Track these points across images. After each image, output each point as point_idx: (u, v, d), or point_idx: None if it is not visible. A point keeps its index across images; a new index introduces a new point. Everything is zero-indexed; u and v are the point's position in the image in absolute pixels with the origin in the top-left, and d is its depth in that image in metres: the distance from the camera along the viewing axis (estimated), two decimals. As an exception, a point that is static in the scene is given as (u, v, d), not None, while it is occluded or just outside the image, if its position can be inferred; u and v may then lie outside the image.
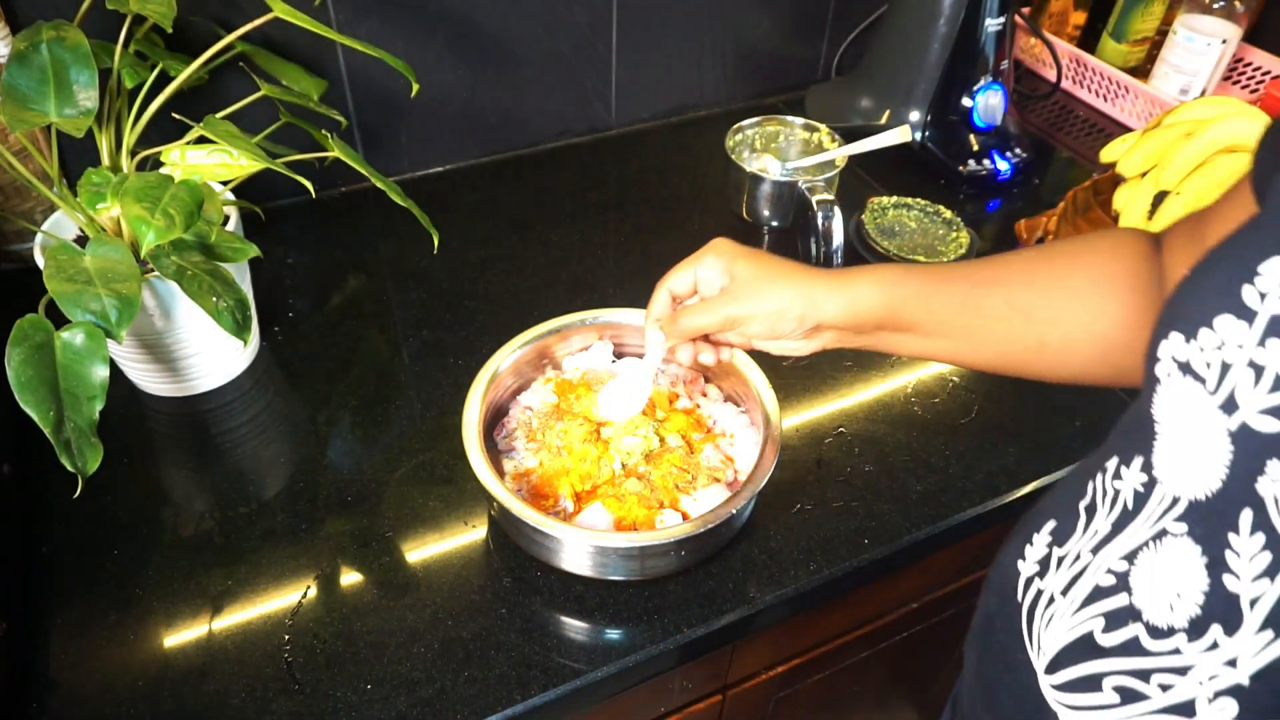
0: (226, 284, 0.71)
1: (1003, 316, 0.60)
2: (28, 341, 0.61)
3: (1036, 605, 0.52)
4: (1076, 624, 0.48)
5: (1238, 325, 0.39)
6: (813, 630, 0.90)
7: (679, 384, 0.82)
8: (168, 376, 0.83)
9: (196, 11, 0.91)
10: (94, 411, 0.63)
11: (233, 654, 0.66)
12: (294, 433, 0.84)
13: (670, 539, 0.65)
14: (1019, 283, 0.61)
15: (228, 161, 0.76)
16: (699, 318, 0.64)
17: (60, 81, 0.70)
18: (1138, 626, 0.44)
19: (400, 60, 0.81)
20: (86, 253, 0.66)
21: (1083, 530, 0.51)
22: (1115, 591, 0.46)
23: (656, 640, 0.68)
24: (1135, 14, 1.30)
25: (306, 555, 0.73)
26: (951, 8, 1.09)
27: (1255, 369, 0.38)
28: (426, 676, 0.65)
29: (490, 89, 1.13)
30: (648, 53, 1.19)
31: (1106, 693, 0.45)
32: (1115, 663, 0.45)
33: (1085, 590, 0.48)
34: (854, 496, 0.79)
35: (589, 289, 1.00)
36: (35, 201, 0.92)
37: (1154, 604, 0.43)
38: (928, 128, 1.16)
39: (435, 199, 1.11)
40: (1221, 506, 0.40)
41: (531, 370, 0.81)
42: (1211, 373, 0.40)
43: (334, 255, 1.04)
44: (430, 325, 0.95)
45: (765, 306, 0.62)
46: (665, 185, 1.17)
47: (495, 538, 0.75)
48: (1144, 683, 0.44)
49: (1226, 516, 0.40)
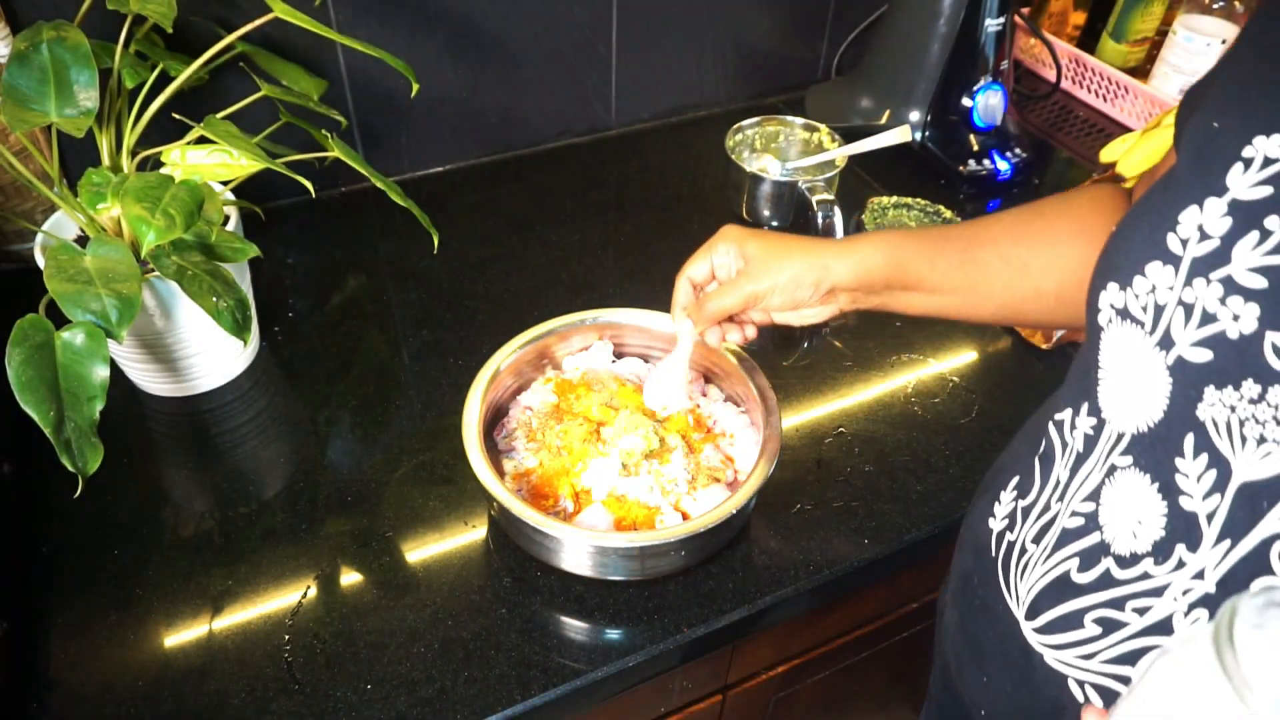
0: (226, 284, 0.71)
1: (1000, 271, 0.64)
2: (28, 341, 0.61)
3: (1010, 556, 0.55)
4: (1050, 568, 0.51)
5: (1165, 270, 0.44)
6: (813, 630, 0.90)
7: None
8: (168, 376, 0.83)
9: (196, 11, 0.91)
10: (94, 411, 0.63)
11: (233, 654, 0.66)
12: (294, 433, 0.84)
13: (670, 539, 0.65)
14: (1010, 238, 0.65)
15: (228, 161, 0.76)
16: (723, 300, 0.67)
17: (60, 81, 0.70)
18: (1108, 560, 0.47)
19: (400, 60, 0.81)
20: (87, 253, 0.66)
21: (1042, 480, 0.54)
22: (1086, 532, 0.49)
23: (656, 640, 0.68)
24: (1135, 14, 1.30)
25: (306, 555, 0.73)
26: (951, 8, 1.09)
27: (1185, 307, 0.43)
28: (426, 676, 0.65)
29: (490, 89, 1.13)
30: (648, 53, 1.19)
31: (1088, 627, 0.48)
32: (1092, 598, 0.48)
33: (1055, 535, 0.51)
34: (854, 496, 0.79)
35: (589, 289, 1.00)
36: (35, 201, 0.92)
37: (1119, 536, 0.47)
38: (928, 128, 1.16)
39: (435, 199, 1.11)
40: (1165, 434, 0.44)
41: (531, 370, 0.81)
42: (1148, 315, 0.45)
43: (334, 255, 1.04)
44: (430, 325, 0.95)
45: (782, 278, 0.65)
46: (665, 185, 1.17)
47: (495, 538, 0.75)
48: (1120, 611, 0.47)
49: (1170, 443, 0.44)
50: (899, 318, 0.97)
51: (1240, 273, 0.40)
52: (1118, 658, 0.47)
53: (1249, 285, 0.40)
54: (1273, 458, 0.39)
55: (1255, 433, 0.40)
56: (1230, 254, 0.41)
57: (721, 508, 0.67)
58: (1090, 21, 1.40)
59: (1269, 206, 0.40)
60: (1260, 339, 0.39)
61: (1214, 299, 0.41)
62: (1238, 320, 0.40)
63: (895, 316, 0.98)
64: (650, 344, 0.83)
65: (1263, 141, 0.41)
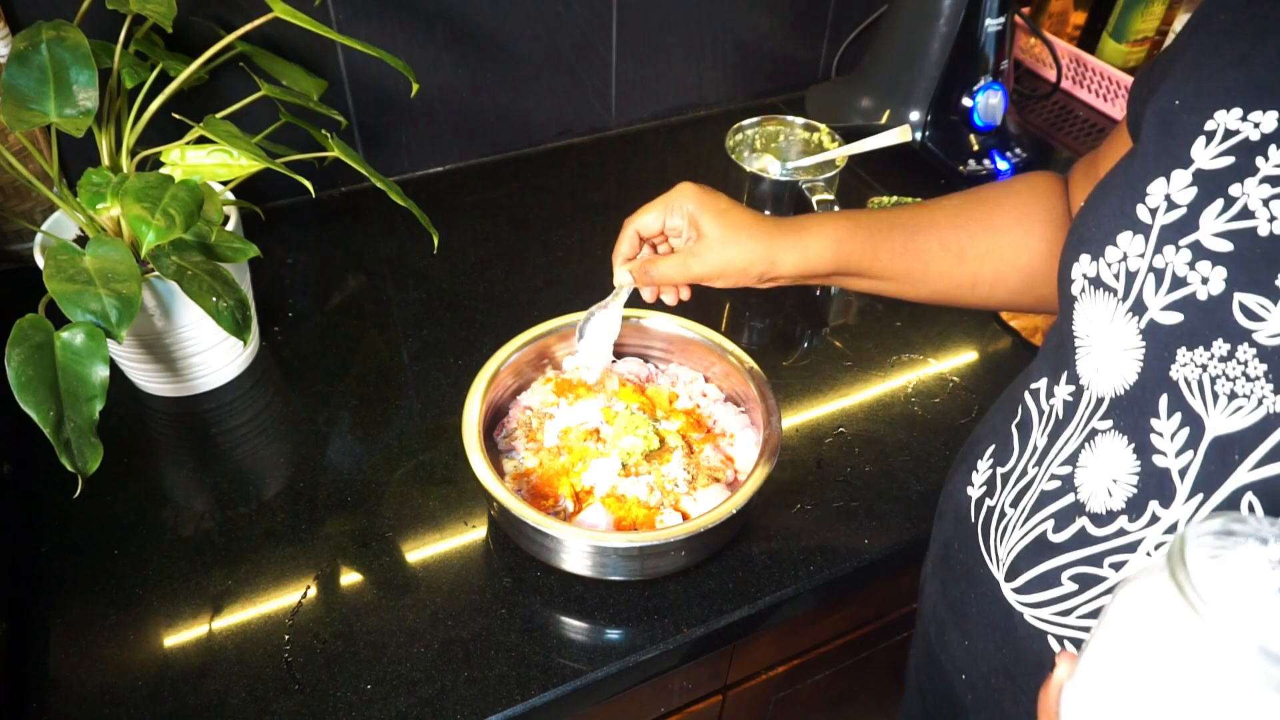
0: (226, 284, 0.71)
1: (938, 258, 0.68)
2: (28, 341, 0.61)
3: (990, 521, 0.57)
4: (1028, 530, 0.52)
5: (1136, 239, 0.46)
6: (813, 630, 0.90)
7: (679, 384, 0.82)
8: (168, 376, 0.83)
9: (196, 11, 0.91)
10: (94, 411, 0.63)
11: (233, 654, 0.66)
12: (294, 433, 0.84)
13: (670, 539, 0.65)
14: (950, 225, 0.68)
15: (228, 161, 0.76)
16: (669, 272, 0.70)
17: (60, 81, 0.70)
18: (1083, 519, 0.49)
19: (400, 60, 0.81)
20: (86, 253, 0.66)
21: (1020, 447, 0.56)
22: (1062, 494, 0.50)
23: (656, 640, 0.68)
24: (1135, 14, 1.30)
25: (306, 555, 0.73)
26: (951, 8, 1.09)
27: (1155, 273, 0.45)
28: (426, 676, 0.65)
29: (490, 89, 1.13)
30: (648, 53, 1.19)
31: (1065, 585, 0.50)
32: (1068, 556, 0.49)
33: (1034, 498, 0.53)
34: (854, 496, 0.79)
35: (589, 289, 0.99)
36: (35, 201, 0.92)
37: (1093, 495, 0.48)
38: (928, 128, 1.16)
39: (435, 199, 1.11)
40: (1139, 395, 0.46)
41: (531, 370, 0.81)
42: (1120, 282, 0.46)
43: (334, 255, 1.04)
44: (430, 325, 0.95)
45: (731, 267, 0.67)
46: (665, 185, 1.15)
47: (495, 538, 0.75)
48: (1097, 568, 0.48)
49: (1145, 404, 0.45)
50: (900, 317, 0.98)
51: (1207, 238, 0.43)
52: (1094, 612, 0.48)
53: (1216, 249, 0.42)
54: (1243, 412, 0.41)
55: (1226, 389, 0.42)
56: (1198, 221, 0.43)
57: (721, 508, 0.66)
58: (1090, 21, 1.40)
59: (1232, 175, 0.42)
60: (1229, 299, 0.41)
61: (1183, 264, 0.43)
62: (1206, 283, 0.42)
63: (896, 316, 0.98)
64: (650, 344, 0.83)
65: (1223, 115, 0.44)
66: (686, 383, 0.82)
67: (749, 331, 0.96)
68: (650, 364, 0.84)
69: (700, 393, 0.82)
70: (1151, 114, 0.48)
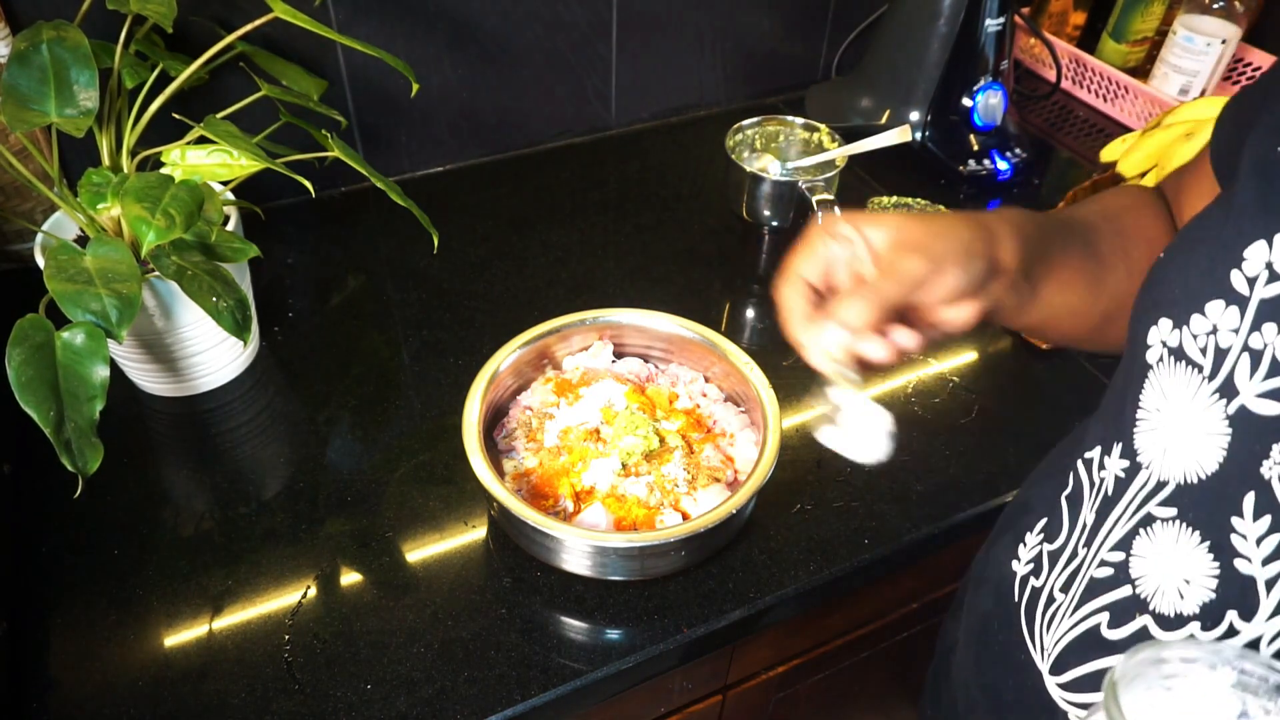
0: (226, 284, 0.71)
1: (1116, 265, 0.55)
2: (28, 341, 0.61)
3: (1035, 604, 0.52)
4: (1079, 620, 0.47)
5: (1229, 311, 0.39)
6: (813, 630, 0.90)
7: (679, 384, 0.82)
8: (168, 376, 0.83)
9: (196, 11, 0.91)
10: (94, 411, 0.63)
11: (233, 654, 0.66)
12: (294, 433, 0.84)
13: (670, 539, 0.65)
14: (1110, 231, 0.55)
15: (228, 161, 0.76)
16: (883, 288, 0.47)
17: (60, 81, 0.70)
18: (1145, 618, 0.43)
19: (400, 60, 0.81)
20: (87, 253, 0.66)
21: (1070, 523, 0.50)
22: (1116, 584, 0.45)
23: (656, 640, 0.68)
24: (1135, 14, 1.30)
25: (306, 555, 0.73)
26: (951, 8, 1.09)
27: (1252, 353, 0.38)
28: (426, 676, 0.65)
29: (490, 89, 1.13)
30: (648, 53, 1.19)
31: None
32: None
33: (1083, 584, 0.48)
34: (854, 496, 0.79)
35: (589, 289, 1.00)
36: (35, 201, 0.92)
37: (1161, 593, 0.43)
38: (928, 128, 1.16)
39: (435, 199, 1.11)
40: (1220, 489, 0.40)
41: (531, 370, 0.81)
42: (1207, 358, 0.40)
43: (334, 255, 1.04)
44: (430, 325, 0.95)
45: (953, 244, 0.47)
46: (665, 185, 1.17)
47: (495, 538, 0.75)
48: None
49: (1227, 500, 0.40)
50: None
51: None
52: None
53: None
54: None
55: None
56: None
57: (721, 508, 0.66)
58: (1090, 21, 1.40)
59: None
60: None
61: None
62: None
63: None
64: (650, 344, 0.83)
65: None
66: (686, 382, 0.82)
67: (749, 331, 0.96)
68: (650, 364, 0.84)
69: (700, 393, 0.82)
70: (1250, 159, 0.42)
